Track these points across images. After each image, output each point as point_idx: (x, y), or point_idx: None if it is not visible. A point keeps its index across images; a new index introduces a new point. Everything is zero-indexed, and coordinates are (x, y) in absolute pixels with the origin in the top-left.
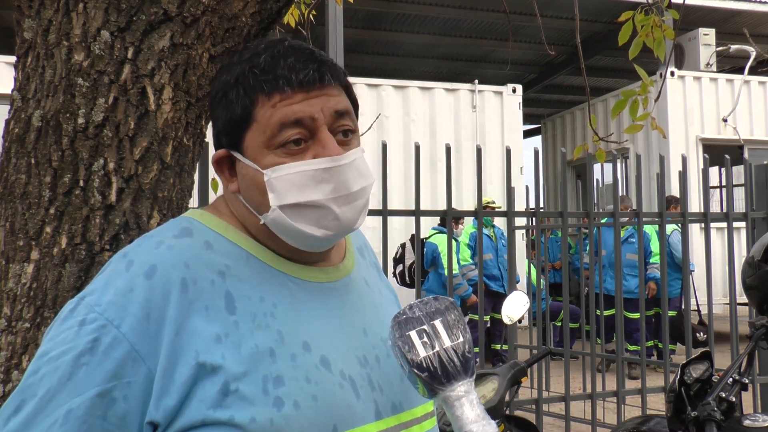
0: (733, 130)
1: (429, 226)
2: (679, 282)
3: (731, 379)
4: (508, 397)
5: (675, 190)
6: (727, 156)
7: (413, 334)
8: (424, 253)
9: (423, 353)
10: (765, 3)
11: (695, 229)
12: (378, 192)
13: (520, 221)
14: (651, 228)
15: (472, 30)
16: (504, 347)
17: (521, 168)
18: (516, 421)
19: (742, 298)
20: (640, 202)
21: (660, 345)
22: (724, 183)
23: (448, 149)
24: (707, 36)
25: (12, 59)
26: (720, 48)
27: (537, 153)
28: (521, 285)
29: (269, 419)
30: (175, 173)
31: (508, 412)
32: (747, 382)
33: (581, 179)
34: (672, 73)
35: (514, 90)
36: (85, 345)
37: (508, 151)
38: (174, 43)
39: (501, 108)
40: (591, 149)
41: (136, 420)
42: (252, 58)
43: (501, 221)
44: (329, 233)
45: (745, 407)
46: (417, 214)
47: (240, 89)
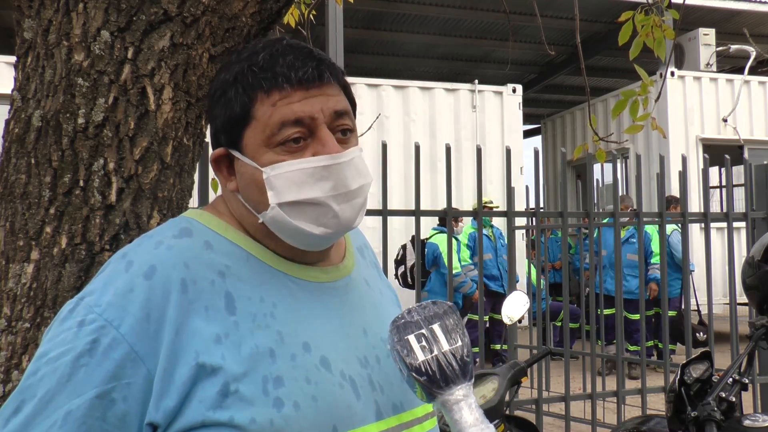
0: (733, 130)
1: (429, 226)
2: (679, 282)
3: (731, 379)
4: (508, 397)
5: (675, 190)
6: (727, 156)
7: (412, 338)
8: (425, 254)
9: (421, 357)
10: (765, 3)
11: (695, 229)
12: (378, 192)
13: (520, 221)
14: (652, 228)
15: (472, 30)
16: (504, 347)
17: (521, 168)
18: (516, 421)
19: (742, 298)
20: (640, 202)
21: (660, 345)
22: (724, 183)
23: (448, 149)
24: (707, 36)
25: (12, 59)
26: (720, 48)
27: (537, 153)
28: (521, 285)
29: (269, 420)
30: (175, 173)
31: (508, 412)
32: (747, 382)
33: (581, 179)
34: (672, 73)
35: (514, 90)
36: (85, 346)
37: (508, 151)
38: (174, 43)
39: (501, 108)
40: (591, 149)
41: (135, 421)
42: (251, 56)
43: (501, 221)
44: (328, 231)
45: (745, 407)
46: (417, 214)
47: (239, 87)
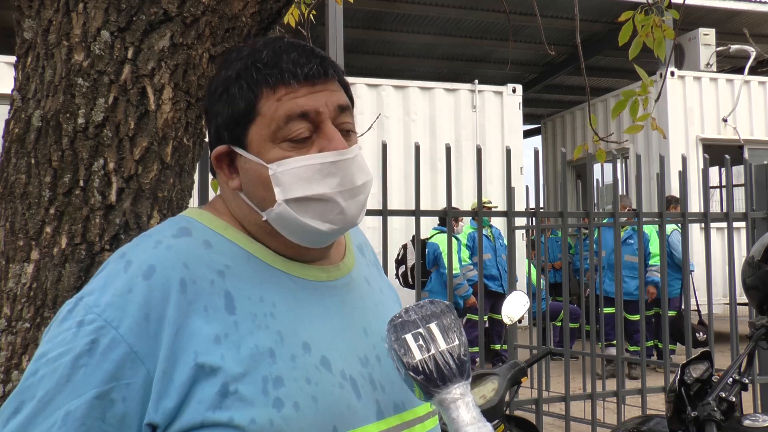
0: (733, 130)
1: (429, 226)
2: (679, 282)
3: (731, 379)
4: (508, 397)
5: (675, 190)
6: (727, 156)
7: (409, 337)
8: (425, 254)
9: (418, 356)
10: (765, 3)
11: (695, 229)
12: (378, 192)
13: (520, 221)
14: (650, 228)
15: (472, 30)
16: (504, 347)
17: (521, 168)
18: (516, 421)
19: (742, 298)
20: (640, 202)
21: (660, 345)
22: (724, 183)
23: (448, 149)
24: (707, 36)
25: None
26: (720, 48)
27: (537, 153)
28: (521, 285)
29: (269, 420)
30: (175, 173)
31: (508, 412)
32: (747, 382)
33: (581, 179)
34: (672, 73)
35: (514, 90)
36: (84, 346)
37: (508, 151)
38: (174, 43)
39: (501, 108)
40: (591, 149)
41: (135, 421)
42: (253, 53)
43: (501, 221)
44: (334, 227)
45: (745, 407)
46: (417, 214)
47: (242, 83)
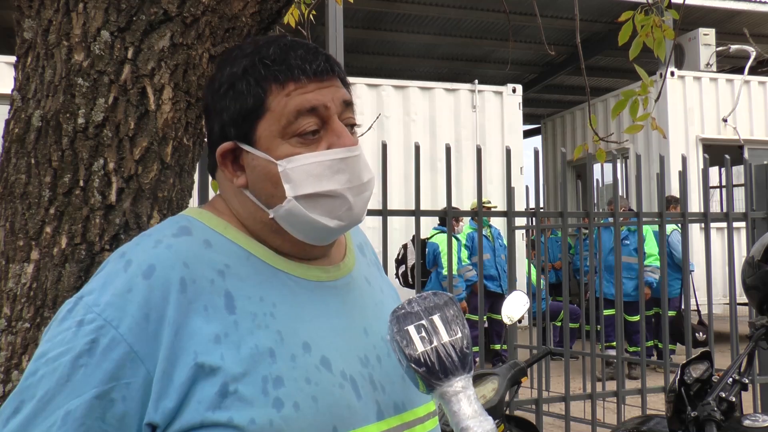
0: (733, 130)
1: (429, 226)
2: (679, 282)
3: (731, 379)
4: (508, 397)
5: (675, 190)
6: (727, 156)
7: (411, 329)
8: (425, 254)
9: (421, 348)
10: (765, 3)
11: (695, 229)
12: (378, 192)
13: (520, 221)
14: (646, 229)
15: (472, 30)
16: (504, 347)
17: (521, 168)
18: (516, 421)
19: (742, 298)
20: (640, 202)
21: (660, 345)
22: (724, 183)
23: (448, 149)
24: (707, 36)
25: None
26: (720, 48)
27: (537, 153)
28: (521, 285)
29: (269, 420)
30: (175, 173)
31: (508, 412)
32: (747, 382)
33: (581, 179)
34: (672, 73)
35: (514, 90)
36: (84, 346)
37: (508, 151)
38: (174, 43)
39: (501, 108)
40: (591, 149)
41: (134, 421)
42: (258, 50)
43: (500, 221)
44: (342, 224)
45: (745, 407)
46: (417, 214)
47: (250, 80)
